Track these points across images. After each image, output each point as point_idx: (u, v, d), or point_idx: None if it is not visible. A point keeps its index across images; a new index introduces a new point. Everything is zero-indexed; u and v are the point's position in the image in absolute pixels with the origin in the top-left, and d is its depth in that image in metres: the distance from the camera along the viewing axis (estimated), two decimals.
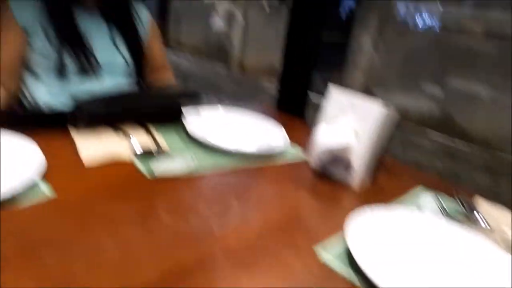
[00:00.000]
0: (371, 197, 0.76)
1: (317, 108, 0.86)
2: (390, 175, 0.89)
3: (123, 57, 1.16)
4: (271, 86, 4.98)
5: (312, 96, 1.47)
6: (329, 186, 0.80)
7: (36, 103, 1.10)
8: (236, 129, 1.00)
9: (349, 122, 0.77)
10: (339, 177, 0.80)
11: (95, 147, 0.77)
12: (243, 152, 0.85)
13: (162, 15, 6.22)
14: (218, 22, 6.01)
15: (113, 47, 1.15)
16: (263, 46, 5.50)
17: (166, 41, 5.90)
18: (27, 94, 1.11)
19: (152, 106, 0.91)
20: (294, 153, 0.92)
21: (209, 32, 6.18)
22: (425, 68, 3.96)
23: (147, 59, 1.24)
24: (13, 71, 1.07)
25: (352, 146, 0.77)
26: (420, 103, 4.01)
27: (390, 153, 0.86)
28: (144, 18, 1.25)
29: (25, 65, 1.08)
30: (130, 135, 0.82)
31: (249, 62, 5.81)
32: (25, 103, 1.12)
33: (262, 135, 0.97)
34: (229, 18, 5.97)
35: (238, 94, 4.94)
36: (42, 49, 1.05)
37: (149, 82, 1.27)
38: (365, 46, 4.43)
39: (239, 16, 5.85)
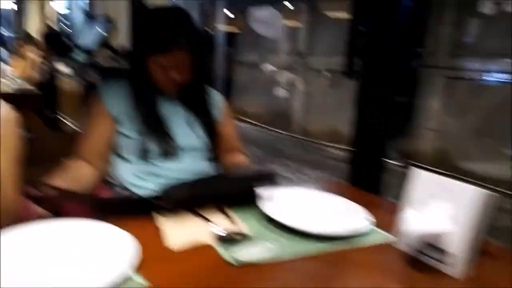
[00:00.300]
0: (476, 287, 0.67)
1: (392, 178, 0.81)
2: (494, 261, 0.79)
3: (200, 140, 1.22)
4: (337, 153, 4.94)
5: (386, 163, 1.41)
6: (423, 274, 0.72)
7: (121, 183, 1.17)
8: (314, 209, 0.97)
9: (442, 206, 0.71)
10: (434, 264, 0.73)
11: (180, 232, 0.79)
12: (325, 234, 0.81)
13: (226, 86, 6.60)
14: (280, 90, 6.23)
15: (191, 131, 1.21)
16: (325, 111, 5.56)
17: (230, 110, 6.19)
18: (113, 175, 1.19)
19: (230, 190, 0.92)
20: (379, 234, 0.86)
21: (271, 100, 6.40)
22: (504, 128, 3.59)
23: (221, 141, 1.28)
24: (103, 154, 1.16)
25: (449, 232, 0.70)
26: (503, 168, 3.57)
27: (490, 236, 0.78)
28: (218, 103, 1.32)
29: (113, 149, 1.18)
30: (211, 220, 0.83)
31: (311, 128, 5.86)
32: (111, 182, 1.20)
33: (343, 215, 0.93)
34: (290, 86, 6.17)
35: (302, 159, 4.93)
36: (128, 134, 1.14)
37: (224, 163, 1.31)
38: (433, 107, 4.29)
39: (300, 83, 6.03)
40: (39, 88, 3.51)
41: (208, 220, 0.84)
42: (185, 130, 1.20)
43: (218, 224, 0.81)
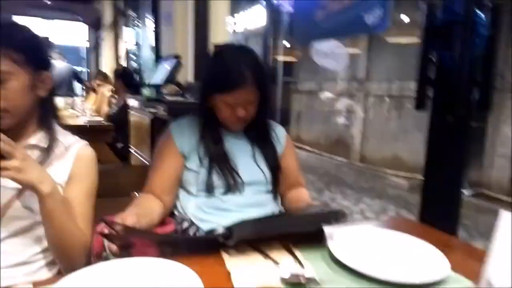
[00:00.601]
0: None
1: (464, 210, 0.75)
2: None
3: (263, 174, 1.24)
4: (398, 181, 4.73)
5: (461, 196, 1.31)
6: None
7: (186, 216, 1.20)
8: (385, 252, 0.92)
9: None
10: None
11: (245, 272, 0.79)
12: (398, 282, 0.77)
13: (284, 115, 6.66)
14: (338, 117, 6.16)
15: (255, 165, 1.24)
16: (385, 138, 5.38)
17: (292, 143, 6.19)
18: (179, 207, 1.23)
19: (297, 228, 0.91)
20: (458, 282, 0.80)
21: (330, 127, 6.34)
22: None
23: (283, 174, 1.30)
24: (171, 189, 1.21)
25: None
26: None
27: None
28: (281, 136, 1.34)
29: (180, 183, 1.22)
30: (278, 260, 0.82)
31: (369, 154, 5.69)
32: (177, 215, 1.24)
33: (416, 258, 0.87)
34: (349, 113, 6.07)
35: (361, 187, 4.78)
36: (195, 169, 1.19)
37: (285, 197, 1.32)
38: (506, 132, 3.99)
39: (359, 110, 5.92)
40: (110, 121, 3.78)
41: (274, 260, 0.83)
42: (249, 165, 1.23)
43: (285, 265, 0.80)
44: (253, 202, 1.21)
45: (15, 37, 0.91)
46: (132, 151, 2.98)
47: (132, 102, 2.97)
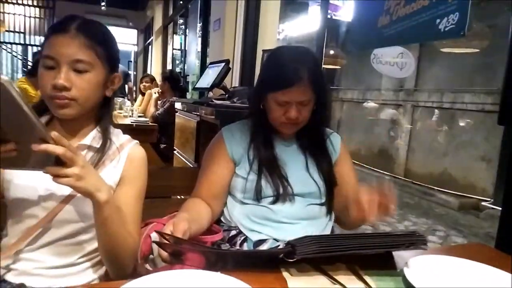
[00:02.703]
0: None
1: None
2: None
3: (316, 184, 1.17)
4: (446, 198, 4.49)
5: None
6: None
7: (233, 224, 1.16)
8: (464, 283, 0.82)
9: None
10: None
11: None
12: None
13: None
14: (383, 128, 5.96)
15: (307, 175, 1.17)
16: (434, 152, 5.14)
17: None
18: (226, 214, 1.19)
19: (366, 250, 0.83)
20: None
21: (373, 138, 6.15)
22: None
23: (338, 186, 1.22)
24: (220, 194, 1.18)
25: None
26: None
27: None
28: (337, 144, 1.27)
29: (228, 190, 1.19)
30: (342, 282, 0.76)
31: (415, 168, 5.45)
32: (223, 222, 1.20)
33: None
34: (394, 124, 5.87)
35: (406, 203, 4.57)
36: (245, 176, 1.15)
37: (339, 211, 1.23)
38: None
39: (405, 121, 5.71)
40: (155, 122, 3.85)
41: (338, 282, 0.76)
42: (301, 174, 1.17)
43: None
44: (304, 214, 1.14)
45: (99, 32, 0.92)
46: (175, 152, 3.00)
47: (178, 104, 2.99)
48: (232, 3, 3.06)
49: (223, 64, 2.56)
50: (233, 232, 1.14)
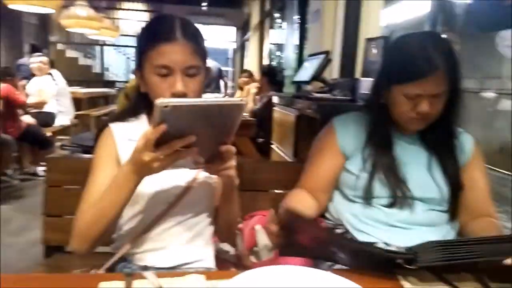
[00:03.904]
0: None
1: None
2: None
3: (439, 189, 1.04)
4: None
5: None
6: None
7: (338, 221, 1.10)
8: None
9: None
10: None
11: None
12: None
13: None
14: (507, 121, 5.30)
15: (430, 178, 1.05)
16: None
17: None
18: (332, 211, 1.14)
19: (497, 258, 0.72)
20: None
21: (490, 132, 5.51)
22: None
23: (466, 196, 1.07)
24: (326, 188, 1.13)
25: None
26: None
27: None
28: (468, 146, 1.12)
29: (336, 184, 1.13)
30: None
31: None
32: (329, 218, 1.15)
33: None
34: None
35: None
36: (356, 172, 1.07)
37: (464, 222, 1.09)
38: None
39: None
40: (253, 117, 3.93)
41: None
42: (422, 176, 1.05)
43: None
44: (422, 221, 1.03)
45: (198, 34, 0.95)
46: (273, 147, 3.02)
47: (276, 98, 3.00)
48: None
49: (322, 56, 2.48)
50: (339, 231, 1.09)
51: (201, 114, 0.70)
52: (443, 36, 1.06)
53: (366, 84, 1.97)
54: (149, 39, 0.91)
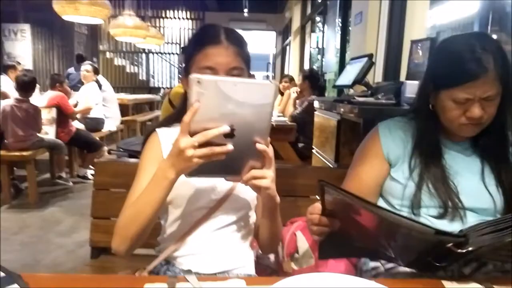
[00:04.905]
0: None
1: None
2: None
3: (493, 200, 0.98)
4: None
5: None
6: None
7: None
8: None
9: None
10: None
11: None
12: None
13: None
14: None
15: (482, 187, 0.99)
16: None
17: None
18: None
19: None
20: None
21: None
22: None
23: None
24: (370, 195, 1.08)
25: None
26: None
27: None
28: None
29: (381, 192, 1.09)
30: None
31: None
32: None
33: None
34: None
35: None
36: (401, 180, 1.03)
37: None
38: None
39: None
40: (294, 121, 3.91)
41: None
42: (475, 186, 0.99)
43: None
44: None
45: (242, 40, 0.98)
46: (314, 152, 2.98)
47: (317, 103, 2.96)
48: None
49: (365, 59, 2.42)
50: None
51: (232, 92, 0.69)
52: (493, 36, 0.98)
53: (411, 88, 1.90)
54: (196, 44, 0.95)
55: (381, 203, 1.09)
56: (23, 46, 8.53)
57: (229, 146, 0.72)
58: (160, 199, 0.82)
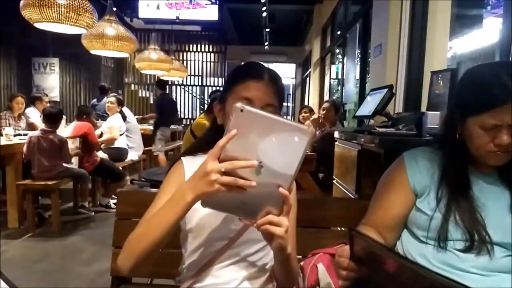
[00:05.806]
0: None
1: None
2: None
3: None
4: None
5: None
6: None
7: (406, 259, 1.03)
8: None
9: None
10: None
11: None
12: None
13: None
14: None
15: (511, 219, 0.96)
16: None
17: None
18: (399, 249, 1.07)
19: None
20: None
21: None
22: None
23: None
24: (395, 226, 1.07)
25: None
26: None
27: None
28: None
29: (405, 222, 1.07)
30: None
31: None
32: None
33: None
34: None
35: None
36: (427, 212, 1.01)
37: None
38: None
39: None
40: (314, 151, 3.89)
41: None
42: (503, 219, 0.96)
43: None
44: (502, 267, 0.94)
45: (280, 82, 1.04)
46: (335, 182, 2.95)
47: (337, 133, 2.96)
48: (394, 26, 2.93)
49: (385, 90, 2.43)
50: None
51: (269, 128, 0.69)
52: None
53: (432, 118, 1.89)
54: (239, 76, 1.00)
55: (405, 234, 1.07)
56: (51, 79, 8.91)
57: (253, 183, 0.71)
58: (173, 220, 0.80)
